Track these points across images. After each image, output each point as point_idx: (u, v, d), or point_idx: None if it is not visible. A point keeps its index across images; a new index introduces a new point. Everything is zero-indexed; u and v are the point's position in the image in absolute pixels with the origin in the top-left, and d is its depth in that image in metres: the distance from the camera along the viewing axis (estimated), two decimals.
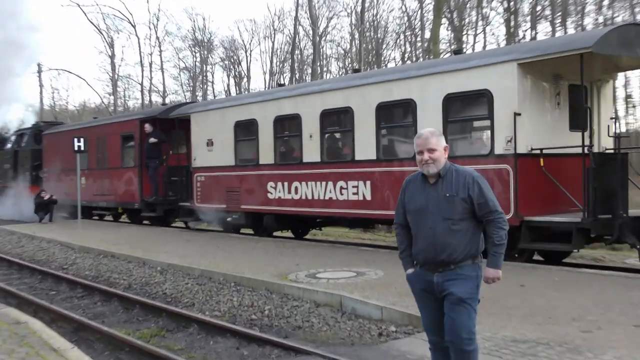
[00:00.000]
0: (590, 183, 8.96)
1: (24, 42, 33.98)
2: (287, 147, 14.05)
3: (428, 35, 32.87)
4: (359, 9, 39.79)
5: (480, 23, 36.28)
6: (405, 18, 40.13)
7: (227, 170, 15.21)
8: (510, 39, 31.71)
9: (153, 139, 17.76)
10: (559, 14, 32.68)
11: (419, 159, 4.08)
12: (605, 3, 31.21)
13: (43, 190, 21.06)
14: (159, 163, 17.84)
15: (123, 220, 21.63)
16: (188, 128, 16.69)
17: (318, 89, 13.29)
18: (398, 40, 41.87)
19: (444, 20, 32.36)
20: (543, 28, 34.05)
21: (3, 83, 29.77)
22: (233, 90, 50.17)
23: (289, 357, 6.09)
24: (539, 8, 32.92)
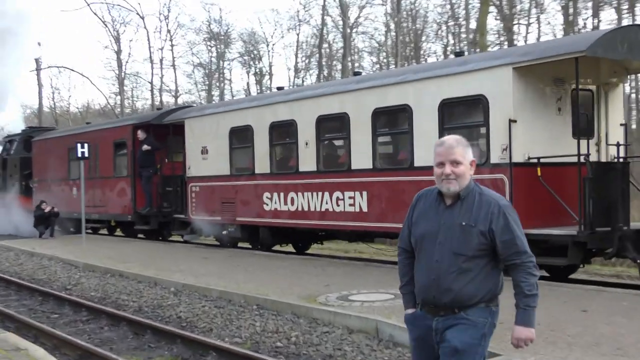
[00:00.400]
0: (588, 194, 9.74)
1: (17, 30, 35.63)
2: (283, 155, 15.20)
3: (474, 26, 33.28)
4: None
5: (534, 11, 36.52)
6: (448, 6, 40.33)
7: (222, 180, 16.41)
8: (569, 29, 31.85)
9: (146, 147, 18.79)
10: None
11: (438, 173, 3.72)
12: None
13: (44, 202, 21.52)
14: (153, 172, 18.89)
15: (127, 236, 22.01)
16: (183, 134, 17.86)
17: (313, 94, 14.43)
18: (439, 32, 42.40)
19: (492, 9, 32.52)
20: (607, 16, 33.82)
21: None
22: (253, 89, 50.51)
23: None
24: None
